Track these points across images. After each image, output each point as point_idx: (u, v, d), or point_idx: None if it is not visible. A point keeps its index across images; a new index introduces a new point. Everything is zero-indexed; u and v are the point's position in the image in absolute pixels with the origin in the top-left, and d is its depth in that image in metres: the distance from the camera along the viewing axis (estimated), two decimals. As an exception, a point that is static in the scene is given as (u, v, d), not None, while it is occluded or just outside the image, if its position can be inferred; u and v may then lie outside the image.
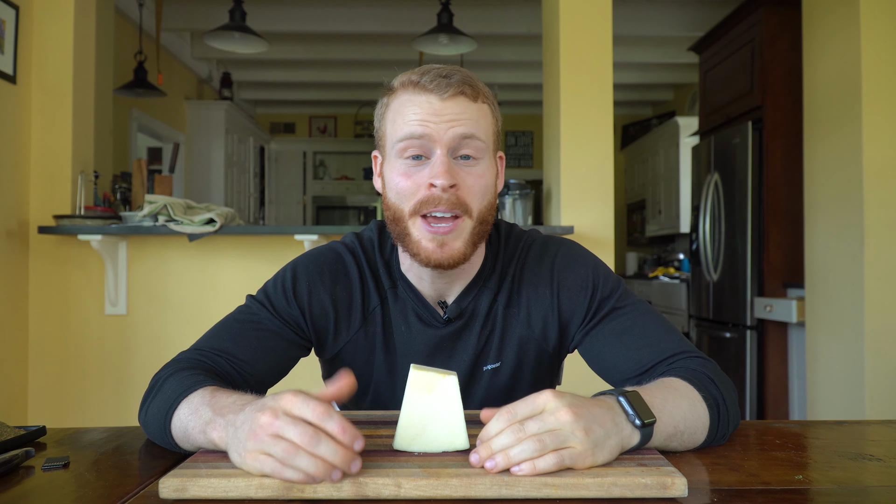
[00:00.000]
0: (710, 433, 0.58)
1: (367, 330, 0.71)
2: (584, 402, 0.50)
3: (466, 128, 0.64)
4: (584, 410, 0.49)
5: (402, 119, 0.65)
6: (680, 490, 0.45)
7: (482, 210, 0.66)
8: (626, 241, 5.36)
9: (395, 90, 0.67)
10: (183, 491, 0.45)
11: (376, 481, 0.45)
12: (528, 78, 4.39)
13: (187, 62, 4.19)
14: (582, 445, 0.47)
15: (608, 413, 0.50)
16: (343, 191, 5.98)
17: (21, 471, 0.53)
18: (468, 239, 0.66)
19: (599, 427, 0.49)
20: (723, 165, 2.76)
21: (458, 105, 0.64)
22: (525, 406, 0.49)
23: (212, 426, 0.51)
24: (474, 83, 0.66)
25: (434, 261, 0.65)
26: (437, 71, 0.65)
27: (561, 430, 0.47)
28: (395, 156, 0.66)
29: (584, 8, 2.02)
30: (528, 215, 2.19)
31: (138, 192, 2.05)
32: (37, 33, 1.90)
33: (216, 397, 0.54)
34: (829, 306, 2.05)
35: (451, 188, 0.63)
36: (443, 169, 0.63)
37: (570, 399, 0.49)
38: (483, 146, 0.66)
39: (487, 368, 0.72)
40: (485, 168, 0.66)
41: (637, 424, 0.51)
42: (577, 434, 0.47)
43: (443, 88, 0.64)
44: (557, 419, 0.48)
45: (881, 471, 0.52)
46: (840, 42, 1.97)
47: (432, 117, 0.64)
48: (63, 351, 1.92)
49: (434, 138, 0.64)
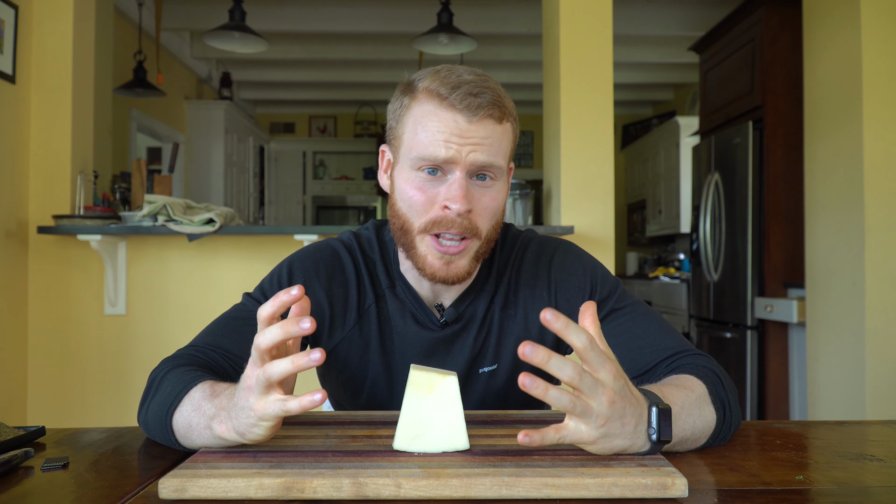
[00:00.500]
0: (712, 436, 0.58)
1: (362, 327, 0.71)
2: (627, 397, 0.48)
3: (489, 156, 0.63)
4: (620, 405, 0.48)
5: (424, 133, 0.63)
6: (680, 490, 0.45)
7: (489, 231, 0.66)
8: (626, 241, 5.36)
9: (418, 94, 0.64)
10: (182, 491, 0.45)
11: (376, 482, 0.45)
12: (528, 77, 4.39)
13: (187, 62, 4.18)
14: (594, 432, 0.48)
15: (635, 417, 0.49)
16: (343, 191, 5.98)
17: (20, 471, 0.53)
18: (473, 257, 0.66)
19: (620, 426, 0.48)
20: (723, 165, 2.76)
21: (484, 129, 0.62)
22: (596, 357, 0.46)
23: (216, 420, 0.51)
24: (502, 102, 0.64)
25: (439, 277, 0.65)
26: (468, 88, 0.62)
27: (587, 404, 0.47)
28: (410, 166, 0.64)
29: (585, 7, 2.02)
30: (527, 215, 2.19)
31: (138, 192, 2.05)
32: (36, 33, 1.90)
33: (214, 391, 0.54)
34: (829, 306, 2.05)
35: (466, 213, 0.63)
36: (461, 193, 0.62)
37: (621, 387, 0.48)
38: (501, 170, 0.65)
39: (484, 371, 0.72)
40: (499, 190, 0.66)
41: (653, 440, 0.50)
42: (598, 420, 0.47)
43: (472, 110, 0.62)
44: (596, 392, 0.47)
45: (882, 471, 0.52)
46: (841, 41, 1.97)
47: (456, 139, 0.62)
48: (62, 351, 1.92)
49: (456, 160, 0.62)
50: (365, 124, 5.85)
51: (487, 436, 0.56)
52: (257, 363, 0.47)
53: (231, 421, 0.50)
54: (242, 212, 4.74)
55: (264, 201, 5.51)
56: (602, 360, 0.47)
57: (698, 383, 0.59)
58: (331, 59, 4.16)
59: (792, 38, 2.46)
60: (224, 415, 0.51)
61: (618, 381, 0.48)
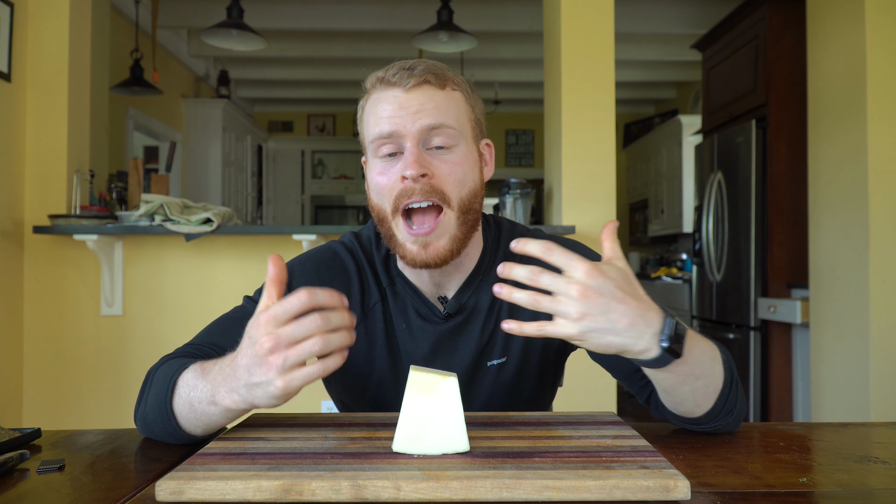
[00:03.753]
0: (718, 400, 0.58)
1: (366, 326, 0.71)
2: (613, 294, 0.49)
3: (433, 118, 0.64)
4: (599, 299, 0.48)
5: (373, 118, 0.66)
6: (683, 493, 0.45)
7: (463, 198, 0.66)
8: (628, 240, 5.36)
9: (368, 90, 0.68)
10: (180, 494, 0.45)
11: (375, 484, 0.45)
12: (528, 76, 4.38)
13: (184, 60, 4.17)
14: (570, 326, 0.48)
15: (632, 317, 0.49)
16: (342, 190, 5.97)
17: (16, 473, 0.52)
18: (454, 233, 0.65)
19: (606, 322, 0.48)
20: (726, 164, 2.76)
21: (423, 94, 0.64)
22: (561, 255, 0.49)
23: (218, 395, 0.52)
24: (440, 71, 0.66)
25: (420, 262, 0.65)
26: (402, 64, 0.65)
27: (560, 300, 0.48)
28: (372, 155, 0.67)
29: (586, 4, 2.01)
30: (528, 215, 2.18)
31: (134, 192, 2.04)
32: (32, 30, 1.89)
33: (205, 369, 0.55)
34: (833, 307, 2.04)
35: (423, 178, 0.63)
36: (412, 160, 0.63)
37: (598, 281, 0.48)
38: (455, 133, 0.65)
39: (492, 364, 0.72)
40: (461, 156, 0.66)
41: (662, 346, 0.50)
42: (571, 313, 0.48)
43: (406, 79, 0.64)
44: (566, 288, 0.48)
45: (886, 473, 0.52)
46: (845, 39, 1.97)
47: (399, 112, 0.64)
48: (58, 352, 1.91)
49: (402, 133, 0.64)
50: (364, 123, 5.84)
51: (488, 437, 0.56)
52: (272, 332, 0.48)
53: (238, 393, 0.51)
54: (240, 211, 4.73)
55: (262, 201, 5.50)
56: (567, 259, 0.49)
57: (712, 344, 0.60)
58: (330, 57, 4.15)
59: (795, 35, 2.45)
60: (225, 388, 0.51)
61: (593, 279, 0.48)
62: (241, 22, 2.53)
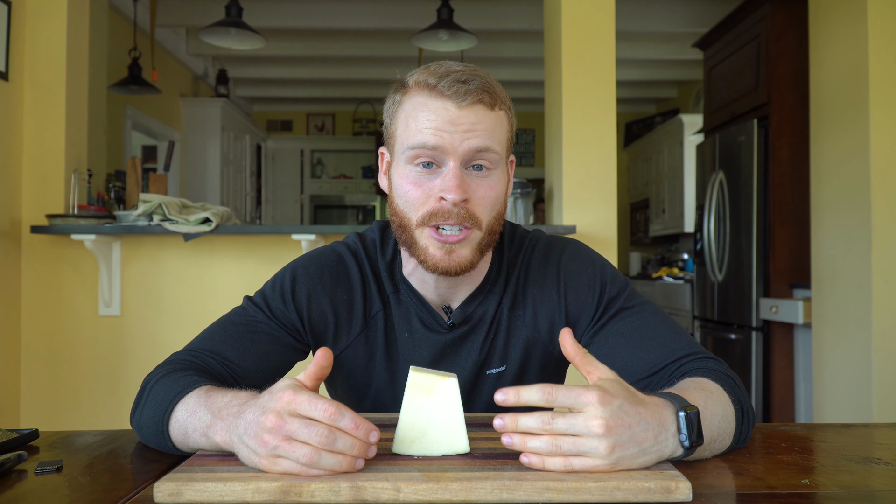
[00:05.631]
0: (734, 438, 0.57)
1: (368, 335, 0.71)
2: (630, 413, 0.47)
3: (482, 140, 0.62)
4: (622, 426, 0.46)
5: (415, 124, 0.63)
6: (684, 494, 0.45)
7: (491, 221, 0.65)
8: (629, 240, 5.35)
9: (409, 89, 0.64)
10: (178, 495, 0.45)
11: (375, 485, 0.45)
12: (529, 75, 4.37)
13: (182, 59, 4.16)
14: (601, 461, 0.46)
15: (654, 429, 0.48)
16: (341, 190, 5.96)
17: (13, 475, 0.52)
18: (476, 248, 0.65)
19: (634, 446, 0.47)
20: (728, 164, 2.75)
21: (475, 114, 0.62)
22: (566, 396, 0.47)
23: (213, 430, 0.51)
24: (493, 89, 0.64)
25: (441, 268, 0.64)
26: (456, 75, 0.62)
27: (584, 441, 0.46)
28: (405, 161, 0.64)
29: (587, 3, 2.01)
30: (529, 214, 2.18)
31: (133, 191, 2.04)
32: (29, 29, 1.89)
33: (211, 397, 0.53)
34: (835, 307, 2.04)
35: (462, 202, 0.62)
36: (455, 183, 0.61)
37: (614, 407, 0.46)
38: (498, 157, 0.64)
39: (492, 372, 0.72)
40: (496, 179, 0.65)
41: (685, 446, 0.49)
42: (601, 449, 0.46)
43: (461, 96, 0.61)
44: (587, 426, 0.46)
45: (889, 474, 0.52)
46: (847, 38, 1.96)
47: (447, 126, 0.61)
48: (56, 352, 1.90)
49: (448, 150, 0.62)
50: (363, 122, 5.83)
51: (488, 439, 0.56)
52: (282, 415, 0.46)
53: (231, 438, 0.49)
54: (239, 211, 4.73)
55: (261, 200, 5.49)
56: (574, 396, 0.47)
57: (715, 385, 0.58)
58: (329, 56, 4.14)
59: (797, 34, 2.44)
60: (223, 426, 0.50)
61: (608, 406, 0.46)
62: (240, 20, 2.52)
